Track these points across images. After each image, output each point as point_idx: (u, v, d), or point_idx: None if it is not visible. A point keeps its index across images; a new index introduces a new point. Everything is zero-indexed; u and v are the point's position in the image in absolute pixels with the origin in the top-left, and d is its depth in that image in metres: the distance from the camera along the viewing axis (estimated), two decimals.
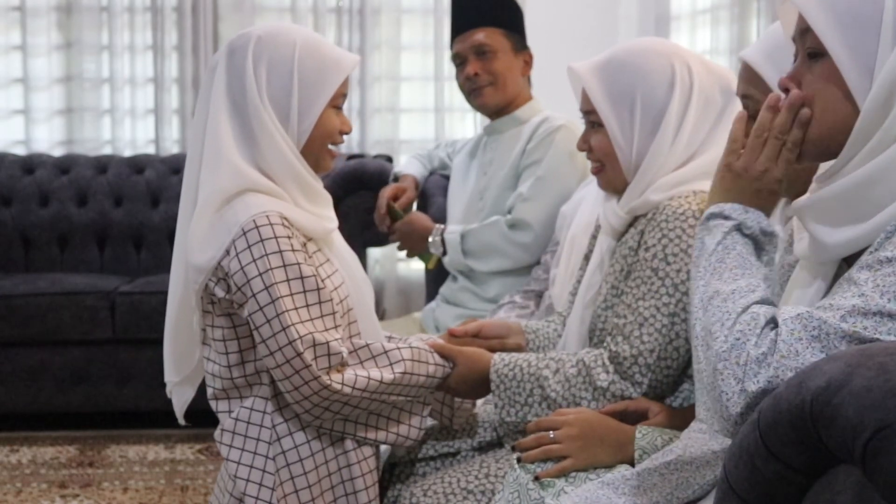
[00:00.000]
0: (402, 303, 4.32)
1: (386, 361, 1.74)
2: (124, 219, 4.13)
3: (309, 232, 1.75)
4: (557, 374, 1.74)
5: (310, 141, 1.77)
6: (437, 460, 1.92)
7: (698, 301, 1.24)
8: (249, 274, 1.65)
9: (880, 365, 0.93)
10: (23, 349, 3.61)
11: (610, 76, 1.81)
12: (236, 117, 1.73)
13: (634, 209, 1.82)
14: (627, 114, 1.80)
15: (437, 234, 2.93)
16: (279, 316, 1.64)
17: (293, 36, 1.77)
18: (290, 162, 1.74)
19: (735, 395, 1.12)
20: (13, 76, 4.35)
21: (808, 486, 1.01)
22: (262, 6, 4.45)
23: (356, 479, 1.75)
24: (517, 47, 2.95)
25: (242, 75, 1.73)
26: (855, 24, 1.20)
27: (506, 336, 2.05)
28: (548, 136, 2.87)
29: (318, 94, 1.76)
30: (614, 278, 1.83)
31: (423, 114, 4.52)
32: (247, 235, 1.66)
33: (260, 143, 1.72)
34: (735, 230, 1.27)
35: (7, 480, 3.16)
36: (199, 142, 1.76)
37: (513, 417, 1.76)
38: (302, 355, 1.64)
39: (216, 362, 1.75)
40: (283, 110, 1.74)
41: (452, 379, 1.81)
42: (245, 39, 1.76)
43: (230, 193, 1.70)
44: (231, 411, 1.75)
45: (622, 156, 1.82)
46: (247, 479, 1.72)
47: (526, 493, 1.52)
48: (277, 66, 1.74)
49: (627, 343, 1.72)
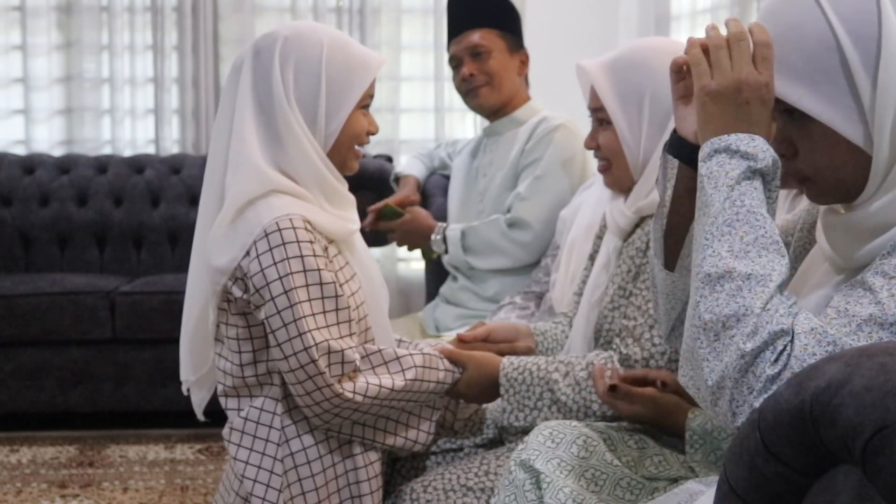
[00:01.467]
0: (402, 303, 4.32)
1: (398, 367, 1.74)
2: (124, 219, 4.13)
3: (331, 234, 1.74)
4: (567, 378, 1.74)
5: (337, 143, 1.76)
6: (439, 456, 1.92)
7: (705, 273, 1.13)
8: (269, 277, 1.64)
9: (880, 365, 0.93)
10: (23, 349, 3.61)
11: (619, 74, 1.81)
12: (262, 119, 1.72)
13: (642, 209, 1.82)
14: (636, 112, 1.80)
15: (439, 233, 2.94)
16: (296, 321, 1.64)
17: (320, 36, 1.75)
18: (315, 164, 1.73)
19: (745, 405, 1.08)
20: (13, 76, 4.35)
21: (809, 487, 1.00)
22: (262, 6, 4.45)
23: (362, 483, 1.75)
24: (513, 48, 2.95)
25: (269, 77, 1.71)
26: (826, 80, 1.16)
27: (515, 339, 2.04)
28: (546, 136, 2.87)
29: (346, 97, 1.74)
30: (621, 279, 1.83)
31: (422, 114, 4.52)
32: (269, 237, 1.65)
33: (285, 145, 1.71)
34: (743, 178, 1.15)
35: (7, 480, 3.16)
36: (223, 142, 1.74)
37: (521, 422, 1.76)
38: (316, 362, 1.64)
39: (229, 360, 1.75)
40: (311, 113, 1.73)
41: (462, 384, 1.81)
42: (271, 40, 1.74)
43: (254, 195, 1.69)
44: (241, 409, 1.75)
45: (630, 154, 1.82)
46: (254, 480, 1.72)
47: (522, 495, 1.52)
48: (305, 68, 1.72)
49: (638, 345, 1.71)
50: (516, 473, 1.53)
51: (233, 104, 1.74)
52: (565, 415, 1.73)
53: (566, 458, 1.54)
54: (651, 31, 4.37)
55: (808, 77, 1.17)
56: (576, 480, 1.52)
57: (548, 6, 4.42)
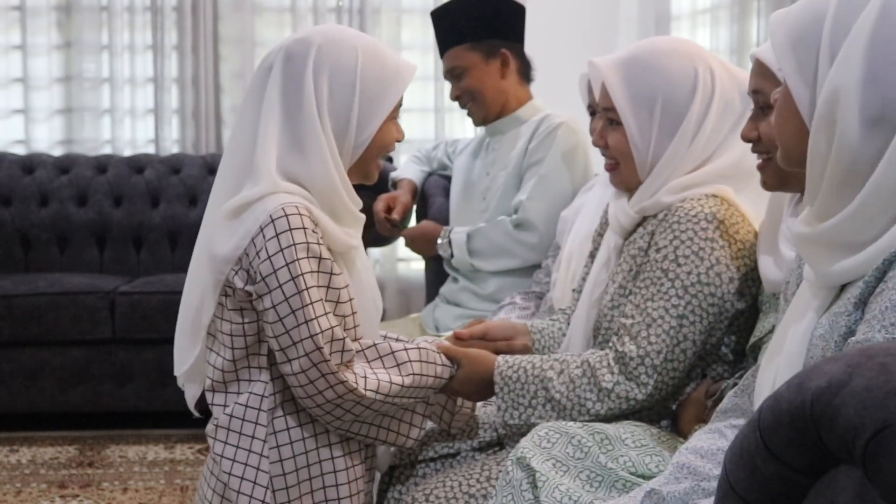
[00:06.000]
0: (402, 303, 4.32)
1: (393, 362, 1.73)
2: (124, 219, 4.13)
3: (330, 241, 1.72)
4: (562, 376, 1.74)
5: (366, 152, 1.76)
6: (437, 462, 1.92)
7: None
8: (276, 264, 1.63)
9: (881, 365, 0.93)
10: (23, 349, 3.61)
11: (632, 75, 1.80)
12: (288, 125, 1.70)
13: (645, 209, 1.82)
14: (647, 115, 1.79)
15: (444, 237, 2.94)
16: (304, 308, 1.63)
17: (355, 44, 1.73)
18: (333, 179, 1.71)
19: None
20: (13, 76, 4.35)
21: (809, 487, 1.00)
22: (262, 6, 4.45)
23: (341, 486, 1.75)
24: (487, 55, 2.93)
25: (301, 85, 1.69)
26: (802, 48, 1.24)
27: (512, 337, 2.04)
28: (549, 135, 2.87)
29: (379, 107, 1.73)
30: (622, 277, 1.83)
31: (423, 114, 4.52)
32: (275, 223, 1.64)
33: (308, 155, 1.69)
34: None
35: (7, 480, 3.16)
36: (244, 145, 1.72)
37: (516, 420, 1.76)
38: (321, 349, 1.63)
39: (220, 355, 1.74)
40: (342, 123, 1.71)
41: (456, 381, 1.81)
42: (305, 46, 1.71)
43: (264, 193, 1.68)
44: (226, 406, 1.74)
45: (638, 156, 1.82)
46: (241, 477, 1.70)
47: (520, 494, 1.52)
48: (340, 79, 1.70)
49: (634, 343, 1.71)
50: (513, 473, 1.53)
51: (258, 107, 1.71)
52: (559, 413, 1.73)
53: (561, 459, 1.54)
54: (651, 31, 4.37)
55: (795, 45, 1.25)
56: (571, 480, 1.52)
57: (548, 6, 4.42)
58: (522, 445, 1.55)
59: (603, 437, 1.59)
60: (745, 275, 1.74)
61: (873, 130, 1.16)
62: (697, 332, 1.71)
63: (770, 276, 1.66)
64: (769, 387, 1.29)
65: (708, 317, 1.72)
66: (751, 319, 1.76)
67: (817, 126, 1.20)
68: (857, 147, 1.16)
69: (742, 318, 1.76)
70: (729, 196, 1.77)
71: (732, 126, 1.80)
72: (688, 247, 1.72)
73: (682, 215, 1.74)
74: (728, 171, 1.80)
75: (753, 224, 1.79)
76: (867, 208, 1.17)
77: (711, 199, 1.76)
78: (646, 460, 1.59)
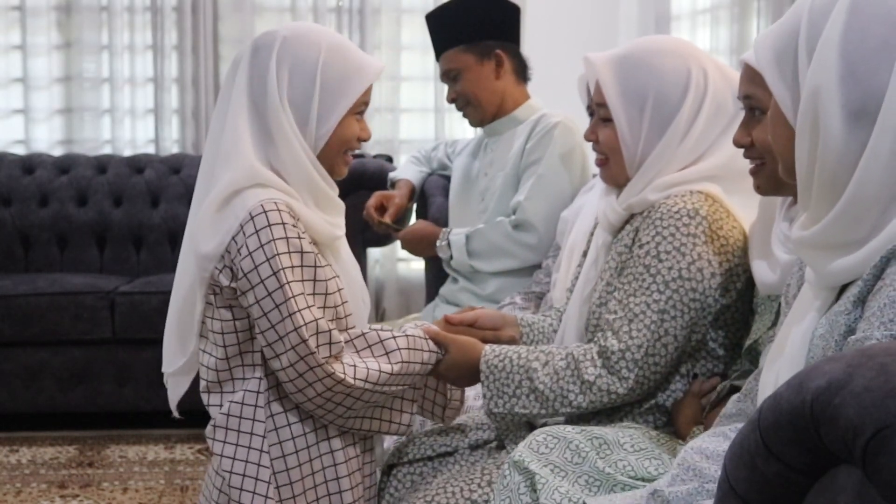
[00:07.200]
0: (402, 303, 4.32)
1: (382, 350, 1.75)
2: (124, 219, 4.13)
3: (315, 234, 1.75)
4: (546, 367, 1.75)
5: (327, 146, 1.77)
6: (434, 460, 1.92)
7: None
8: (257, 260, 1.65)
9: (881, 366, 0.93)
10: (23, 349, 3.61)
11: (625, 72, 1.81)
12: (255, 116, 1.73)
13: (631, 206, 1.83)
14: (637, 112, 1.80)
15: (443, 239, 2.94)
16: (286, 302, 1.65)
17: (319, 39, 1.76)
18: (305, 166, 1.74)
19: None
20: (13, 76, 4.35)
21: (809, 487, 1.00)
22: (262, 6, 4.45)
23: (342, 479, 1.76)
24: (481, 56, 2.92)
25: (265, 75, 1.73)
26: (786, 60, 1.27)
27: (501, 328, 2.05)
28: (546, 135, 2.87)
29: (338, 102, 1.75)
30: (609, 275, 1.84)
31: (422, 113, 4.52)
32: (254, 220, 1.66)
33: (277, 144, 1.72)
34: None
35: (7, 480, 3.16)
36: (218, 137, 1.76)
37: (500, 409, 1.77)
38: (307, 342, 1.65)
39: (212, 354, 1.75)
40: (303, 114, 1.74)
41: (443, 365, 1.82)
42: (270, 38, 1.75)
43: (241, 186, 1.70)
44: (222, 405, 1.75)
45: (627, 152, 1.83)
46: (242, 475, 1.71)
47: (517, 498, 1.52)
48: (300, 70, 1.73)
49: (616, 338, 1.72)
50: (511, 476, 1.53)
51: (228, 100, 1.76)
52: (542, 403, 1.73)
53: (559, 464, 1.54)
54: (651, 30, 4.37)
55: (778, 56, 1.28)
56: (570, 485, 1.52)
57: (548, 6, 4.42)
58: (519, 451, 1.56)
59: (601, 441, 1.59)
60: (729, 270, 1.74)
61: (856, 125, 1.16)
62: (679, 326, 1.72)
63: (764, 278, 1.66)
64: (771, 388, 1.29)
65: (689, 312, 1.72)
66: (739, 314, 1.77)
67: (801, 127, 1.21)
68: (842, 144, 1.17)
69: (728, 313, 1.76)
70: (714, 192, 1.78)
71: (724, 128, 1.81)
72: (669, 242, 1.72)
73: (665, 211, 1.75)
74: (717, 171, 1.80)
75: (742, 222, 1.79)
76: (855, 204, 1.17)
77: (695, 196, 1.76)
78: (645, 464, 1.59)
